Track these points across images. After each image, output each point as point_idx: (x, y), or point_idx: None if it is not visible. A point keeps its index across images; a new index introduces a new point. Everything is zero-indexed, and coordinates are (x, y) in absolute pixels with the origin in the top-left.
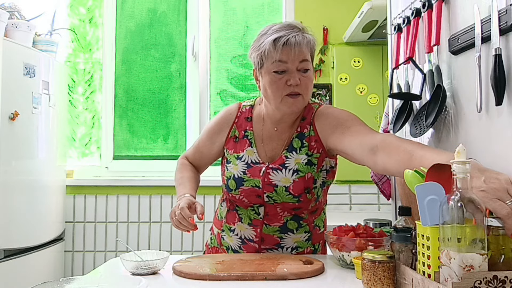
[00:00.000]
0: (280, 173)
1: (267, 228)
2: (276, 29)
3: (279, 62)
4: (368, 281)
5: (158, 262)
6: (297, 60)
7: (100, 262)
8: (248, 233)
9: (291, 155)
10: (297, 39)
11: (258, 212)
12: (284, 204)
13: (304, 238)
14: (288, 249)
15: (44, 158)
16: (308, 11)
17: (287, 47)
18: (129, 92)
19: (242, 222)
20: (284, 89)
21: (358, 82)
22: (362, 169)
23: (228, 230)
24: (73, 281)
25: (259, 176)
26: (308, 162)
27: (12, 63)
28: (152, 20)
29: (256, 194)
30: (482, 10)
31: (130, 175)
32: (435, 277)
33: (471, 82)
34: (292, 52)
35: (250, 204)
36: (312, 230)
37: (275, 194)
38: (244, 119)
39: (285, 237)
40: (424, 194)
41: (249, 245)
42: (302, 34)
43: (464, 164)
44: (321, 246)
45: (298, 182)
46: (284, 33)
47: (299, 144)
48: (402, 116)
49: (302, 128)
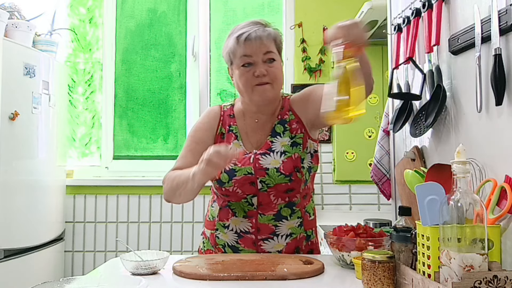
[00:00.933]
0: (268, 157)
1: (262, 217)
2: (240, 27)
3: (244, 56)
4: (368, 281)
5: (158, 262)
6: (261, 52)
7: (100, 262)
8: (243, 225)
9: (276, 139)
10: (257, 33)
11: (251, 203)
12: (278, 187)
13: (296, 224)
14: (283, 237)
15: (44, 158)
16: (308, 11)
17: (248, 42)
18: (129, 92)
19: (237, 216)
20: (253, 80)
21: None
22: (362, 169)
23: (222, 227)
24: (73, 281)
25: (249, 163)
26: (293, 143)
27: (12, 63)
28: (152, 20)
29: (250, 182)
30: (482, 10)
31: (130, 175)
32: (435, 277)
33: (471, 82)
34: (254, 46)
35: (244, 195)
36: (304, 215)
37: (267, 177)
38: (228, 116)
39: (279, 225)
40: (424, 194)
41: (246, 238)
42: (264, 28)
43: (464, 164)
44: (314, 234)
45: (287, 162)
46: (246, 29)
47: (281, 129)
48: (402, 116)
49: (282, 115)
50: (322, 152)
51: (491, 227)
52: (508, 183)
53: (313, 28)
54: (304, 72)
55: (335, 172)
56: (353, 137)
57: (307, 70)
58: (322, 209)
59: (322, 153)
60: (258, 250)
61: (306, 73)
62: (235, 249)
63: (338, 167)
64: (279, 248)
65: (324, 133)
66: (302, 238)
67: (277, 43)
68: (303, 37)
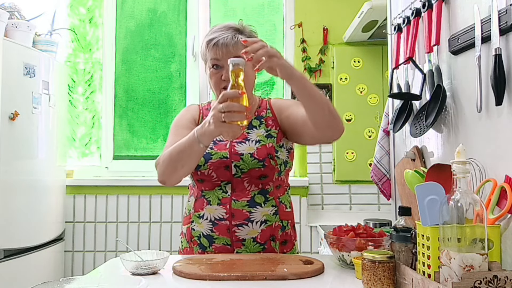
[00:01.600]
0: (244, 144)
1: (235, 203)
2: (213, 31)
3: (212, 59)
4: (368, 281)
5: (158, 262)
6: (228, 57)
7: (100, 262)
8: (218, 213)
9: (252, 131)
10: (225, 41)
11: (225, 191)
12: (251, 172)
13: (271, 212)
14: (257, 223)
15: (44, 158)
16: (308, 11)
17: (215, 48)
18: (129, 92)
19: (211, 205)
20: (221, 83)
21: (358, 82)
22: (362, 169)
23: (197, 218)
24: (73, 281)
25: (225, 149)
26: (268, 135)
27: (12, 63)
28: (152, 20)
29: (225, 165)
30: (482, 10)
31: (130, 175)
32: (435, 277)
33: (471, 82)
34: (220, 52)
35: (218, 181)
36: (279, 205)
37: (242, 162)
38: (206, 110)
39: (254, 211)
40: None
41: (220, 225)
42: (234, 35)
43: (464, 164)
44: (290, 226)
45: (261, 149)
46: (217, 34)
47: (257, 123)
48: (402, 116)
49: (259, 112)
50: (322, 152)
51: (491, 227)
52: (508, 183)
53: (313, 28)
54: (304, 72)
55: (335, 172)
56: (353, 137)
57: (307, 70)
58: (322, 209)
59: (322, 153)
60: (232, 237)
61: (306, 73)
62: (210, 238)
63: (338, 167)
64: (254, 235)
65: None
66: (278, 226)
67: None
68: (303, 37)
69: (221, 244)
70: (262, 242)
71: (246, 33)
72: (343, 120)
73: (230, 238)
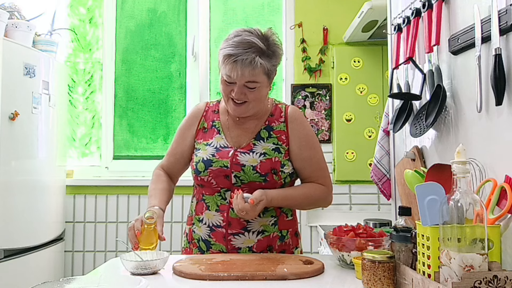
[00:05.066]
0: (248, 155)
1: (233, 212)
2: (235, 44)
3: (226, 75)
4: (368, 281)
5: (158, 262)
6: (243, 80)
7: (100, 262)
8: (215, 219)
9: (259, 143)
10: (244, 63)
11: (224, 197)
12: (252, 184)
13: (270, 222)
14: (254, 233)
15: (44, 158)
16: (308, 11)
17: (233, 66)
18: (129, 92)
19: (210, 210)
20: (230, 95)
21: (358, 82)
22: (362, 169)
23: (197, 221)
24: (73, 281)
25: (227, 157)
26: (275, 149)
27: (12, 63)
28: (152, 20)
29: (224, 174)
30: (482, 10)
31: (130, 175)
32: (435, 277)
33: (471, 82)
34: (235, 73)
35: (218, 188)
36: (279, 215)
37: (242, 173)
38: (212, 112)
39: (251, 221)
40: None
41: (217, 232)
42: (255, 57)
43: (464, 164)
44: (290, 235)
45: (265, 163)
46: (237, 51)
47: (266, 134)
48: (402, 116)
49: (270, 122)
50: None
51: (491, 227)
52: (508, 183)
53: (313, 28)
54: (304, 72)
55: (335, 172)
56: (353, 137)
57: (307, 70)
58: (322, 209)
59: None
60: (228, 245)
61: (306, 73)
62: (208, 243)
63: (338, 167)
64: (250, 244)
65: (324, 133)
66: (276, 237)
67: (267, 70)
68: (303, 37)
69: (217, 250)
70: (258, 252)
71: (270, 51)
72: (343, 120)
73: (226, 246)
